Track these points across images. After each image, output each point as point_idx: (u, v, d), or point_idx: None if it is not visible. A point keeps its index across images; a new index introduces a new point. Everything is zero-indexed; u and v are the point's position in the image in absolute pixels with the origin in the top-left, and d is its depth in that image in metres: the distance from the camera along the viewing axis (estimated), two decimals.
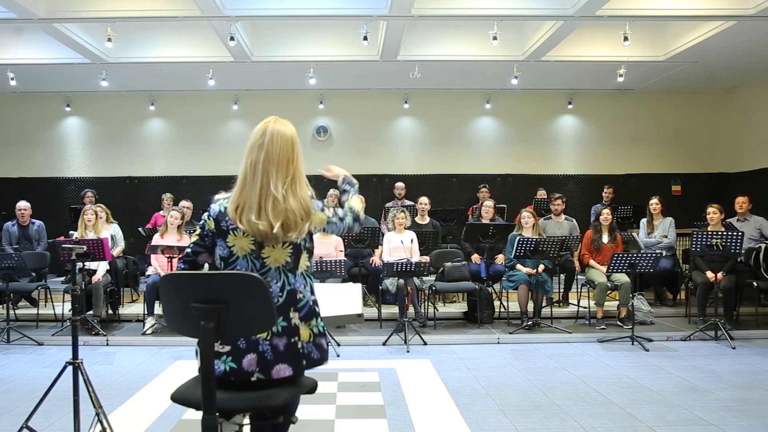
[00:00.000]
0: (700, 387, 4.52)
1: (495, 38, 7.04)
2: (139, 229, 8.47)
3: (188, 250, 2.30)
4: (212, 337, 1.87)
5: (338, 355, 5.61)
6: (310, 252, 2.27)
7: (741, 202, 7.15)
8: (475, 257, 7.32)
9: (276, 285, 2.15)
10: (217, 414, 1.87)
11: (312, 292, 2.23)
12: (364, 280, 7.02)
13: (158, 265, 6.60)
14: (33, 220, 7.60)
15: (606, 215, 6.99)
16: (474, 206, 9.10)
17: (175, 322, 1.99)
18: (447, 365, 5.26)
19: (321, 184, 2.54)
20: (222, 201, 2.23)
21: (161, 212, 8.66)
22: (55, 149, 10.42)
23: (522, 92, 10.28)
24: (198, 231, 2.28)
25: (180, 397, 2.10)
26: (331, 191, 8.53)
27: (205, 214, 2.25)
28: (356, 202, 2.40)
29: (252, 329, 2.00)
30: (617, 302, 6.70)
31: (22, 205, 7.55)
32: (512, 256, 6.53)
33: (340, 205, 2.43)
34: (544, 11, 6.91)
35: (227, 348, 2.09)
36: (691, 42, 7.75)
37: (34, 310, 6.89)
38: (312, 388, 2.22)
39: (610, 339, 6.08)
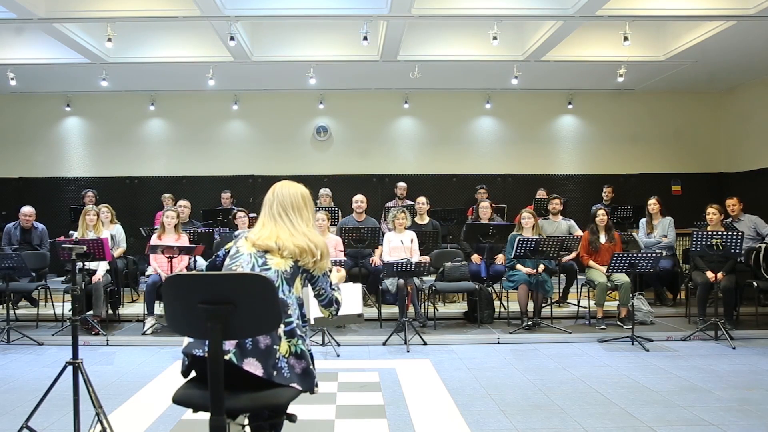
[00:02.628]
0: (700, 387, 4.52)
1: (495, 38, 7.05)
2: (142, 228, 8.47)
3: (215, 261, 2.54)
4: (221, 337, 1.88)
5: (338, 355, 5.61)
6: (305, 285, 2.41)
7: (731, 205, 7.15)
8: (475, 257, 7.32)
9: None
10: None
11: (299, 318, 2.29)
12: (364, 280, 7.01)
13: (158, 266, 6.60)
14: (35, 224, 7.54)
15: (602, 216, 6.99)
16: (474, 206, 9.10)
17: (180, 323, 1.99)
18: (447, 365, 5.26)
19: (318, 184, 2.56)
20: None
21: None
22: (55, 149, 10.42)
23: (522, 92, 10.28)
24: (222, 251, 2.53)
25: (182, 399, 2.09)
26: (322, 191, 8.54)
27: (233, 242, 2.47)
28: (341, 298, 2.62)
29: (259, 329, 2.01)
30: (617, 302, 6.70)
31: (27, 210, 7.43)
32: (512, 256, 6.53)
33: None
34: (544, 11, 6.91)
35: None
36: (691, 42, 7.75)
37: (34, 310, 6.89)
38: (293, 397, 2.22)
39: (610, 339, 6.08)
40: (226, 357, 2.06)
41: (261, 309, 1.89)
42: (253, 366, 2.09)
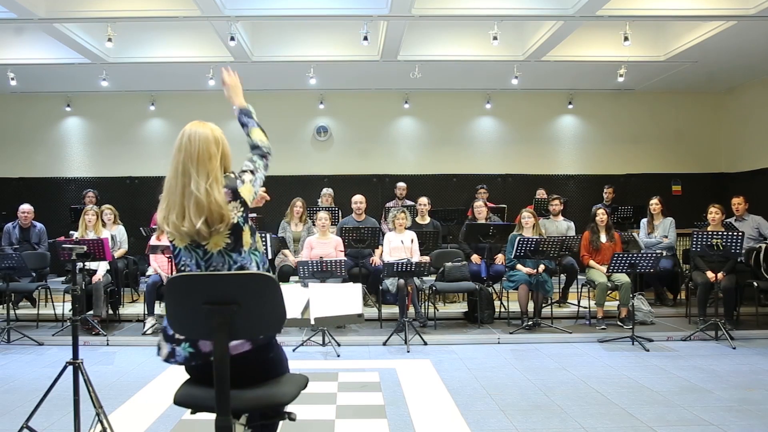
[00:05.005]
0: (701, 387, 4.52)
1: (495, 38, 7.04)
2: (142, 229, 8.46)
3: None
4: (226, 337, 1.87)
5: (338, 355, 5.61)
6: (254, 230, 2.24)
7: (737, 203, 7.15)
8: (475, 257, 7.32)
9: (224, 267, 2.14)
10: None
11: (258, 268, 2.21)
12: (364, 280, 7.01)
13: (158, 266, 6.60)
14: (34, 223, 7.59)
15: (602, 216, 6.99)
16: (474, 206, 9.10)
17: (183, 324, 1.98)
18: (447, 365, 5.26)
19: (318, 184, 2.53)
20: None
21: None
22: (55, 149, 10.42)
23: (522, 92, 10.28)
24: None
25: (184, 400, 2.09)
26: (324, 190, 8.54)
27: None
28: (258, 134, 2.38)
29: (263, 329, 1.99)
30: (617, 302, 6.70)
31: (26, 208, 7.52)
32: (512, 256, 6.53)
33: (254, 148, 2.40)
34: (544, 11, 6.90)
35: None
36: (691, 42, 7.75)
37: (34, 310, 6.89)
38: (304, 384, 2.21)
39: (611, 339, 6.08)
40: (212, 359, 2.00)
41: (266, 308, 1.89)
42: (239, 347, 2.03)
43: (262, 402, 2.06)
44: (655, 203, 7.46)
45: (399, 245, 6.75)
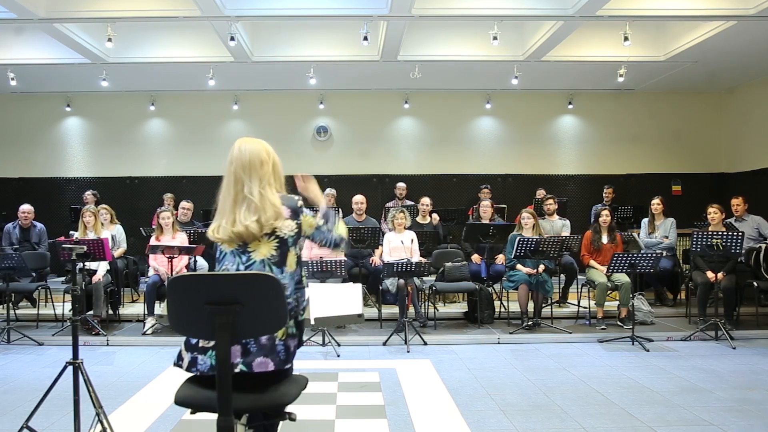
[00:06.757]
0: (701, 387, 4.52)
1: (495, 38, 7.04)
2: (142, 229, 8.46)
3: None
4: (228, 338, 1.87)
5: (338, 355, 5.61)
6: (299, 257, 2.29)
7: (736, 204, 7.15)
8: (475, 257, 7.32)
9: None
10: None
11: (293, 294, 2.24)
12: (364, 280, 7.02)
13: (157, 265, 6.59)
14: (34, 223, 7.60)
15: (605, 216, 6.99)
16: (474, 206, 9.10)
17: (185, 324, 1.98)
18: (447, 365, 5.26)
19: (319, 184, 2.52)
20: None
21: None
22: (55, 149, 10.42)
23: (522, 92, 10.28)
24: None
25: (185, 400, 2.09)
26: (327, 191, 8.53)
27: None
28: (344, 228, 2.46)
29: (266, 329, 2.01)
30: (617, 302, 6.70)
31: (26, 208, 7.54)
32: (512, 256, 6.53)
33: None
34: (544, 11, 6.90)
35: (212, 342, 2.08)
36: (691, 42, 7.75)
37: (34, 310, 6.89)
38: (304, 385, 2.23)
39: (611, 339, 6.08)
40: (236, 370, 2.05)
41: (268, 308, 1.89)
42: (263, 365, 2.09)
43: (264, 402, 2.07)
44: (656, 203, 7.46)
45: (399, 245, 6.75)
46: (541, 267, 6.49)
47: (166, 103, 10.37)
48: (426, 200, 8.05)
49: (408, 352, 5.76)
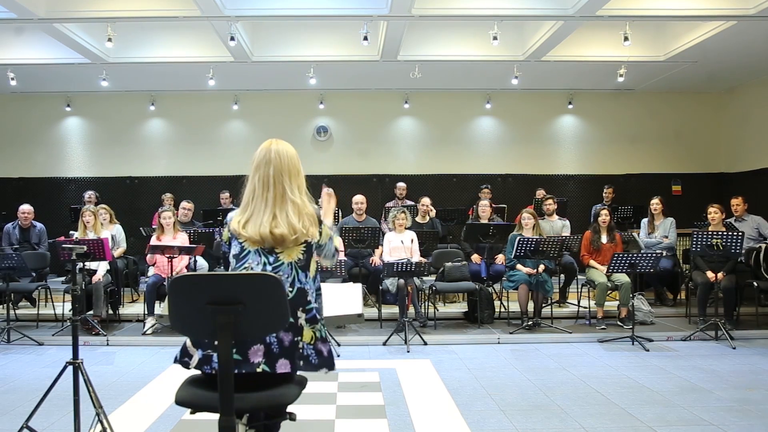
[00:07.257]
0: (701, 387, 4.52)
1: (495, 38, 7.04)
2: (142, 229, 8.46)
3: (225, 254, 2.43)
4: (230, 337, 1.88)
5: (338, 355, 5.61)
6: (318, 264, 2.35)
7: (736, 204, 7.15)
8: (475, 257, 7.32)
9: (287, 279, 2.20)
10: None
11: (316, 300, 2.27)
12: (364, 280, 7.01)
13: (157, 264, 6.60)
14: (34, 223, 7.60)
15: (604, 216, 6.99)
16: (474, 206, 9.11)
17: (186, 324, 1.99)
18: (447, 365, 5.25)
19: (319, 184, 2.55)
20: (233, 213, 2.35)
21: None
22: (55, 149, 10.41)
23: (522, 92, 10.28)
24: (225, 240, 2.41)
25: (186, 400, 2.09)
26: (326, 190, 8.52)
27: (225, 228, 2.37)
28: (339, 241, 2.52)
29: (267, 329, 2.02)
30: (617, 302, 6.70)
31: (26, 208, 7.52)
32: (512, 256, 6.53)
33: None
34: (544, 11, 6.91)
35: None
36: (691, 42, 7.75)
37: (34, 310, 6.89)
38: (303, 385, 2.25)
39: (611, 339, 6.08)
40: (258, 369, 2.07)
41: (269, 309, 1.90)
42: (283, 366, 2.11)
43: (265, 402, 2.07)
44: (656, 203, 7.46)
45: (399, 245, 6.75)
46: (541, 267, 6.49)
47: (166, 103, 10.37)
48: (426, 200, 8.05)
49: (408, 352, 5.76)
